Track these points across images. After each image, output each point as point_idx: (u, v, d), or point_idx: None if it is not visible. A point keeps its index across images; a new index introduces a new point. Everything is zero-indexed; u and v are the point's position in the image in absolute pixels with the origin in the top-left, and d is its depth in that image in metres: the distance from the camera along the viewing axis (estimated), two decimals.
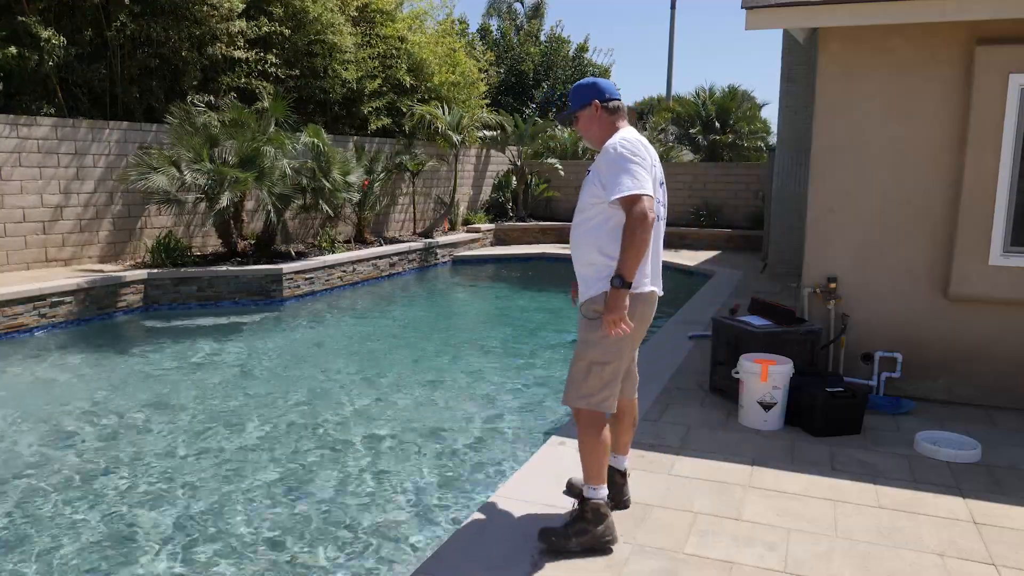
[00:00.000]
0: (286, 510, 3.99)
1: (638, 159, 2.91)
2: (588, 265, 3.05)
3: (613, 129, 3.11)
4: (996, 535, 3.25)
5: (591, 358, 3.03)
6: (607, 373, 3.03)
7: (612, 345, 3.00)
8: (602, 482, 3.06)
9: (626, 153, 2.92)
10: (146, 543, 3.64)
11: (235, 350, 7.28)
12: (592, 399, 3.03)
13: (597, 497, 3.05)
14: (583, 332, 3.07)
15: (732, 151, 18.20)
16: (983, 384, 4.95)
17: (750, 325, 4.94)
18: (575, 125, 3.22)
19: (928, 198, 4.90)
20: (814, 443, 4.26)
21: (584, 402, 3.04)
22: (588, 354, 3.04)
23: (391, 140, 14.10)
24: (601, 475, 3.06)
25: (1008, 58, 4.58)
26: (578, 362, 3.07)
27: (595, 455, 3.04)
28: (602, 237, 2.99)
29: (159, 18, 10.26)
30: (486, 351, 7.53)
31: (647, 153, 2.99)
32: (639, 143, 2.99)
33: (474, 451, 4.83)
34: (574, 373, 3.07)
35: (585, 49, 23.14)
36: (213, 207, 9.14)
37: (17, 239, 8.75)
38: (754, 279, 10.48)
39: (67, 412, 5.50)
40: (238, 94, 11.44)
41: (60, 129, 9.10)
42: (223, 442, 4.95)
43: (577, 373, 3.06)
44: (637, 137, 3.02)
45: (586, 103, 3.13)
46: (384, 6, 13.75)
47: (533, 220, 16.35)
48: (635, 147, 2.95)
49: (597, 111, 3.11)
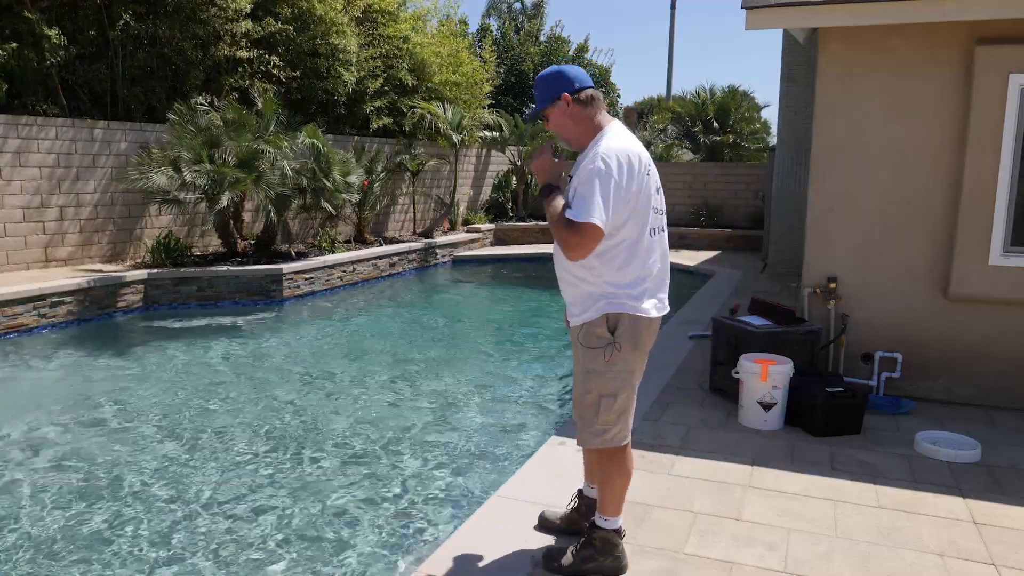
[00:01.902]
0: (285, 509, 3.98)
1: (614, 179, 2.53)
2: (577, 287, 2.74)
3: (592, 125, 2.70)
4: (996, 535, 3.25)
5: (599, 390, 2.73)
6: (619, 404, 2.75)
7: (619, 373, 2.71)
8: (617, 514, 2.87)
9: (602, 169, 2.53)
10: (147, 543, 3.64)
11: (235, 350, 7.28)
12: (607, 435, 2.77)
13: (608, 527, 2.86)
14: (585, 362, 2.74)
15: (732, 151, 18.19)
16: (983, 384, 4.95)
17: (750, 325, 4.94)
18: (546, 125, 2.81)
19: (928, 198, 4.90)
20: (814, 443, 4.26)
21: (599, 440, 2.77)
22: (594, 386, 2.74)
23: (391, 140, 14.10)
24: (617, 507, 2.86)
25: (1008, 58, 4.57)
26: (585, 396, 2.76)
27: (614, 487, 2.84)
28: (593, 262, 2.65)
29: (163, 18, 10.27)
30: (486, 351, 7.53)
31: (634, 164, 2.60)
32: (621, 156, 2.57)
33: (474, 451, 4.83)
34: (584, 410, 2.78)
35: (585, 49, 23.12)
36: (213, 207, 9.14)
37: (17, 239, 8.75)
38: (754, 279, 10.48)
39: (67, 412, 5.49)
40: (240, 95, 11.44)
41: (61, 129, 9.10)
42: (224, 442, 4.95)
43: (587, 410, 2.76)
44: (620, 146, 2.60)
45: (554, 97, 2.69)
46: (387, 6, 13.75)
47: (533, 220, 16.35)
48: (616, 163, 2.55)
49: (568, 105, 2.68)
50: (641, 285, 2.69)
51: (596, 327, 2.70)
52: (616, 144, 2.62)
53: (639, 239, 2.66)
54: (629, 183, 2.58)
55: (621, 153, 2.58)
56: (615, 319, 2.68)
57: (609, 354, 2.69)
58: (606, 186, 2.53)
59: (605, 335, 2.69)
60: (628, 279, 2.67)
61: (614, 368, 2.71)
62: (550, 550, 2.94)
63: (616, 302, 2.67)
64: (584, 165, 2.62)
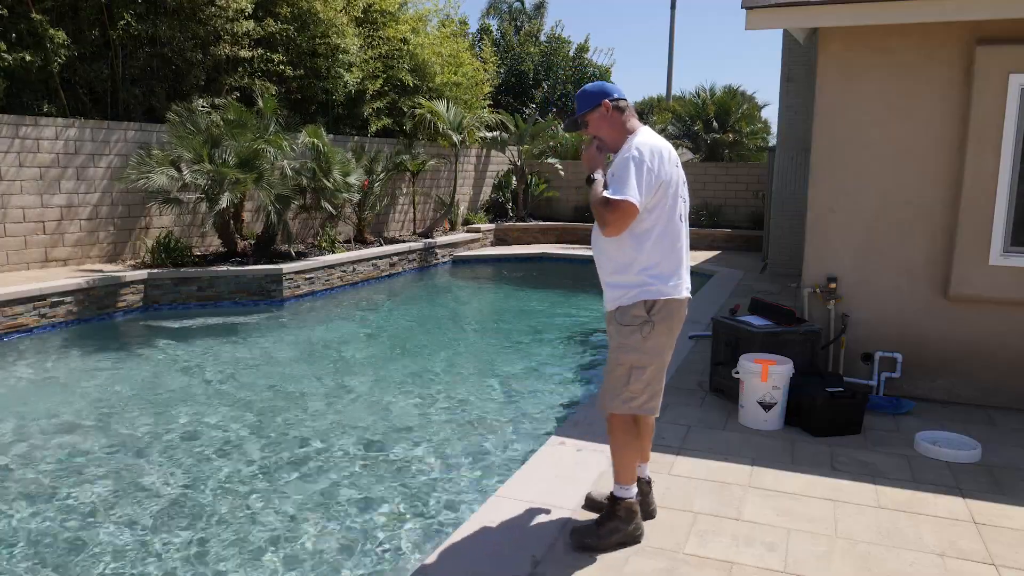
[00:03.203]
0: (282, 509, 3.98)
1: (647, 164, 2.89)
2: (615, 274, 3.04)
3: (625, 129, 3.08)
4: (996, 535, 3.25)
5: (631, 363, 3.03)
6: (648, 375, 3.04)
7: (651, 348, 3.01)
8: (633, 481, 3.11)
9: (636, 156, 2.91)
10: (146, 544, 3.65)
11: (235, 350, 7.28)
12: (635, 402, 3.06)
13: (629, 496, 3.10)
14: (619, 338, 3.04)
15: (733, 150, 18.20)
16: (983, 384, 4.95)
17: (750, 325, 4.94)
18: (585, 130, 3.18)
19: (928, 198, 4.90)
20: (814, 443, 4.26)
21: (627, 407, 3.06)
22: (627, 359, 3.03)
23: (392, 140, 14.10)
24: (633, 475, 3.11)
25: (1008, 58, 4.58)
26: (616, 368, 3.06)
27: (627, 457, 3.09)
28: (629, 246, 2.98)
29: (165, 18, 10.27)
30: (486, 351, 7.53)
31: (664, 156, 2.96)
32: (654, 148, 2.95)
33: (473, 451, 4.83)
34: (613, 380, 3.06)
35: (585, 49, 23.09)
36: (213, 207, 9.14)
37: (17, 239, 8.76)
38: (754, 279, 10.48)
39: (67, 412, 5.49)
40: (240, 94, 11.44)
41: (61, 129, 9.10)
42: (224, 441, 4.95)
43: (617, 380, 3.05)
44: (652, 141, 2.99)
45: (596, 104, 3.10)
46: (387, 7, 13.75)
47: (533, 220, 16.36)
48: (648, 153, 2.92)
49: (608, 111, 3.08)
50: (670, 267, 3.02)
51: (634, 309, 3.01)
52: (648, 140, 3.00)
53: (669, 222, 3.01)
54: (660, 170, 2.93)
55: (653, 147, 2.97)
56: (651, 304, 3.00)
57: (645, 332, 3.00)
58: (640, 170, 2.89)
59: (641, 314, 3.00)
60: (658, 260, 2.99)
61: (647, 344, 3.01)
62: (576, 527, 3.12)
63: (651, 289, 2.98)
64: (619, 155, 3.01)
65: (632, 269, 2.99)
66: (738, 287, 9.73)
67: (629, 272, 3.00)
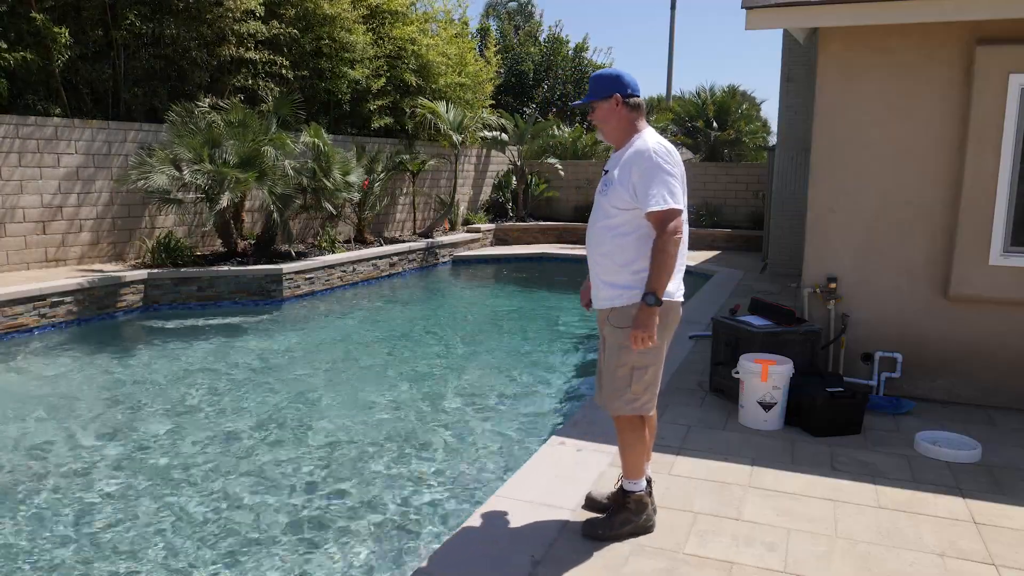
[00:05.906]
0: (281, 509, 3.99)
1: (672, 168, 2.89)
2: (615, 274, 3.01)
3: (632, 128, 3.03)
4: (996, 535, 3.26)
5: (632, 363, 3.03)
6: (648, 376, 3.07)
7: (651, 348, 3.00)
8: (642, 476, 3.17)
9: (662, 163, 2.87)
10: (147, 543, 3.65)
11: (235, 350, 7.28)
12: (636, 403, 3.08)
13: (639, 489, 3.16)
14: (619, 339, 3.02)
15: (732, 149, 18.20)
16: (983, 384, 4.95)
17: (750, 325, 4.94)
18: (591, 114, 3.11)
19: (928, 198, 4.90)
20: (814, 443, 4.26)
21: (630, 407, 3.08)
22: (627, 360, 3.03)
23: (392, 140, 14.10)
24: (642, 470, 3.17)
25: (1008, 58, 4.58)
26: (618, 369, 3.05)
27: (637, 453, 3.14)
28: (630, 247, 2.96)
29: (169, 18, 10.26)
30: (486, 351, 7.53)
31: (676, 157, 2.98)
32: (669, 150, 2.95)
33: (473, 451, 4.83)
34: (616, 381, 3.07)
35: (584, 48, 23.08)
36: (213, 207, 9.14)
37: (17, 239, 8.76)
38: (754, 279, 10.48)
39: (66, 412, 5.49)
40: (243, 94, 11.44)
41: (62, 129, 9.10)
42: (223, 441, 4.95)
43: (619, 381, 3.06)
44: (665, 143, 2.99)
45: (607, 95, 3.01)
46: (396, 7, 13.75)
47: (533, 220, 16.36)
48: (669, 156, 2.92)
49: (617, 105, 3.00)
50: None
51: (632, 310, 2.97)
52: (660, 141, 2.98)
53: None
54: (674, 171, 2.92)
55: (668, 148, 2.96)
56: None
57: None
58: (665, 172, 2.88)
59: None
60: None
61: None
62: (590, 521, 3.20)
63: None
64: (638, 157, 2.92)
65: (630, 269, 2.97)
66: (738, 287, 9.72)
67: (627, 272, 2.98)
